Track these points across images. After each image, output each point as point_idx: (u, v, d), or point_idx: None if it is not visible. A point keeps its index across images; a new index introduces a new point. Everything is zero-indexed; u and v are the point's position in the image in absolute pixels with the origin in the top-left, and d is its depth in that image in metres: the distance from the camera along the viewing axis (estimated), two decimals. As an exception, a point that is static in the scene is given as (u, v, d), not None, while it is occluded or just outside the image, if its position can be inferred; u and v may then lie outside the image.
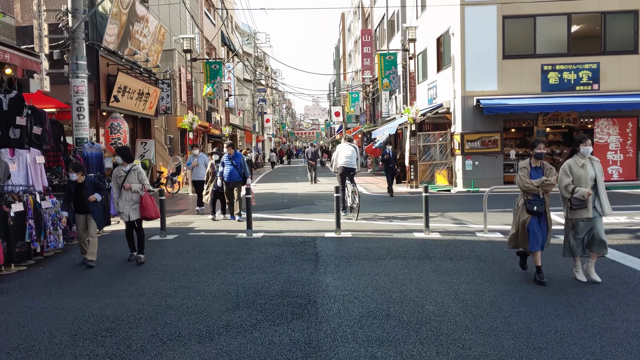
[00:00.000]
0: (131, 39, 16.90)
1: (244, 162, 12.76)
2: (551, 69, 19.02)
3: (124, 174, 8.11)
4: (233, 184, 12.57)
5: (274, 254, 8.52)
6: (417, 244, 9.18)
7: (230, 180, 12.53)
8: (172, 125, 26.51)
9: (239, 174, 12.55)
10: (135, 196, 8.08)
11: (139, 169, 8.18)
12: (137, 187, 8.04)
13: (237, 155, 12.69)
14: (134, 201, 8.09)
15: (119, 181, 8.12)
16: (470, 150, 19.21)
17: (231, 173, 12.49)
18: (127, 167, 8.13)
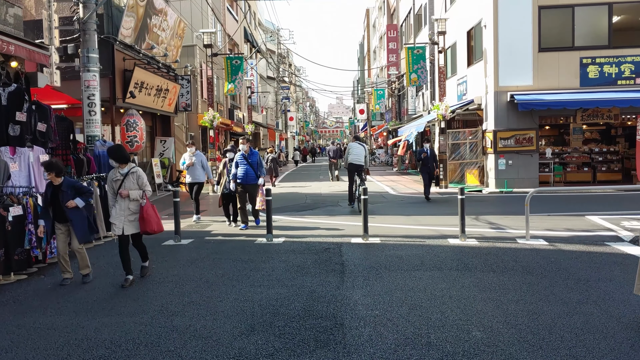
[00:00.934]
0: (149, 33, 16.28)
1: (261, 161, 11.10)
2: (591, 62, 17.89)
3: (120, 178, 6.75)
4: (249, 186, 10.90)
5: (295, 262, 7.74)
6: (453, 252, 8.32)
7: (245, 182, 10.84)
8: (193, 123, 25.96)
9: (256, 175, 10.92)
10: (134, 205, 6.71)
11: (138, 172, 6.83)
12: (136, 195, 6.66)
13: (253, 153, 11.05)
14: (131, 211, 6.71)
15: (115, 186, 6.78)
16: (504, 149, 18.19)
17: (246, 174, 10.83)
18: (124, 169, 6.78)
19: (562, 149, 19.44)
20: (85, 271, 7.04)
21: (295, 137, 78.04)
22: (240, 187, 10.92)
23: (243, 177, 10.86)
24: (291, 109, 67.17)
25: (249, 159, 10.94)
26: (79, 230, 6.85)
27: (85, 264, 7.03)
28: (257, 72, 41.39)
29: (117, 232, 6.77)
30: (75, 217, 6.81)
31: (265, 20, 57.42)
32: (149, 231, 6.75)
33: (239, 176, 10.88)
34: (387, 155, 40.35)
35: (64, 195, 6.76)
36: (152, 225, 6.73)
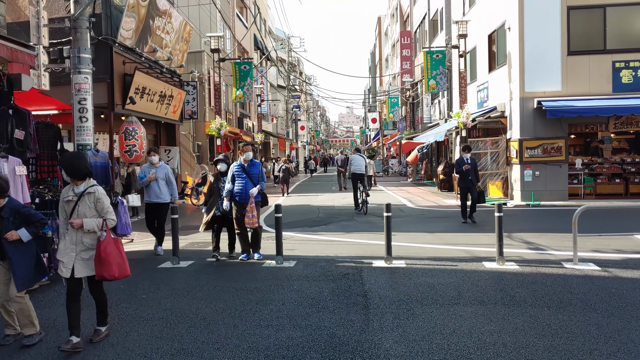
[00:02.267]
0: (151, 35, 15.28)
1: (263, 174, 8.89)
2: (624, 66, 16.66)
3: (73, 199, 4.96)
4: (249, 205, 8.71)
5: (309, 293, 6.58)
6: (493, 279, 7.13)
7: (244, 200, 8.63)
8: (201, 132, 24.97)
9: (257, 193, 8.69)
10: (89, 239, 4.92)
11: (98, 192, 4.97)
12: (92, 225, 4.89)
13: (254, 164, 8.78)
14: (85, 246, 4.92)
15: (67, 209, 5.00)
16: (530, 159, 16.97)
17: (245, 190, 8.61)
18: (79, 187, 4.95)
19: (592, 159, 18.17)
20: (28, 330, 5.09)
21: (306, 146, 77.02)
22: (238, 206, 8.70)
23: (241, 193, 8.64)
24: (302, 118, 66.20)
25: (249, 170, 8.72)
26: (19, 273, 4.95)
27: (27, 320, 5.09)
28: (267, 80, 40.44)
29: (64, 274, 4.92)
30: (15, 255, 4.95)
31: (276, 28, 56.61)
32: (106, 277, 4.93)
33: (236, 193, 8.66)
34: (401, 166, 39.14)
35: (4, 223, 4.95)
36: (112, 268, 4.92)
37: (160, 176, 9.51)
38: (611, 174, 17.98)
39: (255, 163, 8.84)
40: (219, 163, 9.25)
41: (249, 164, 8.77)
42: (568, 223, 9.40)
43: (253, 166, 8.80)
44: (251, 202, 8.56)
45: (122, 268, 5.05)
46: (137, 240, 11.73)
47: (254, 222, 8.59)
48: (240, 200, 8.69)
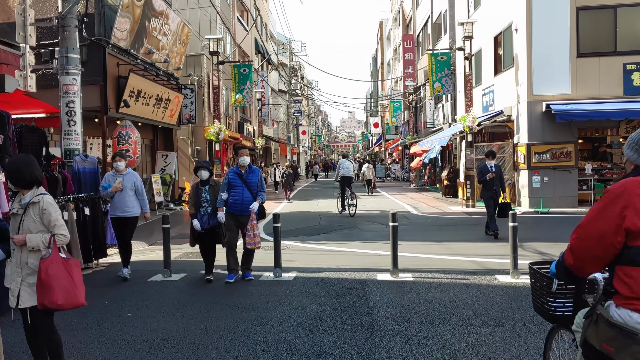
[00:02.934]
0: (147, 37, 14.78)
1: (262, 183, 7.84)
2: (635, 69, 16.13)
3: (19, 212, 4.10)
4: (245, 218, 7.61)
5: (310, 311, 6.03)
6: (509, 295, 6.58)
7: (241, 212, 7.60)
8: (200, 137, 24.45)
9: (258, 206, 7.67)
10: (33, 259, 4.00)
11: (43, 202, 4.04)
12: (36, 241, 3.96)
13: (253, 171, 7.78)
14: (31, 269, 3.99)
15: (15, 224, 4.12)
16: (538, 164, 16.43)
17: (242, 201, 7.57)
18: (26, 197, 4.10)
19: (601, 164, 17.62)
20: None
21: (308, 151, 76.54)
22: (233, 220, 7.67)
23: (237, 205, 7.58)
24: (303, 123, 65.75)
25: (247, 178, 7.66)
26: None
27: None
28: (268, 84, 39.97)
29: (11, 303, 4.05)
30: None
31: (277, 33, 56.19)
32: (47, 305, 3.91)
33: (231, 203, 7.61)
34: (404, 171, 38.61)
35: None
36: (54, 294, 3.89)
37: (128, 185, 7.95)
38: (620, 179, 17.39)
39: (254, 170, 7.80)
40: (200, 170, 7.86)
41: (247, 170, 7.74)
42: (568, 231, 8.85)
43: (252, 173, 7.72)
44: (252, 219, 7.55)
45: (70, 295, 3.96)
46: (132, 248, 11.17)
47: (256, 243, 7.59)
48: (234, 211, 7.62)
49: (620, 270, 2.45)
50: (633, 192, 2.43)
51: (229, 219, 7.71)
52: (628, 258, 2.41)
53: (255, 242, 7.57)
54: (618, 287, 2.43)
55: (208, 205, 7.72)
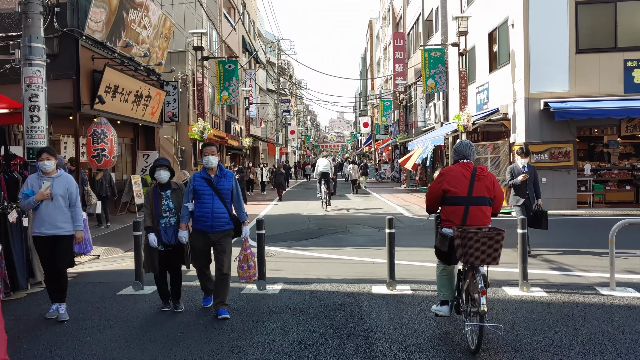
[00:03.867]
0: (126, 30, 13.93)
1: (238, 190, 6.10)
2: (636, 65, 15.53)
3: None
4: (217, 236, 5.92)
5: (297, 334, 5.26)
6: (521, 312, 5.85)
7: (211, 228, 5.88)
8: (185, 136, 23.58)
9: (229, 215, 5.97)
10: None
11: None
12: None
13: (225, 175, 6.02)
14: None
15: None
16: (536, 164, 15.63)
17: (212, 213, 5.86)
18: None
19: (600, 164, 16.99)
20: None
21: (296, 151, 75.74)
22: (202, 239, 5.94)
23: (207, 219, 5.86)
24: (292, 123, 64.95)
25: (218, 184, 5.93)
26: None
27: None
28: (255, 83, 39.13)
29: None
30: None
31: (265, 31, 55.35)
32: None
33: (198, 217, 5.89)
34: (395, 171, 37.93)
35: None
36: None
37: (59, 192, 5.94)
38: (619, 180, 16.82)
39: (227, 173, 6.04)
40: (158, 170, 6.12)
41: (217, 174, 5.96)
42: (586, 236, 8.26)
43: (223, 178, 5.97)
44: (245, 247, 6.27)
45: None
46: (104, 256, 10.37)
47: (252, 276, 6.29)
48: (204, 228, 5.88)
49: (442, 209, 5.23)
50: (448, 173, 5.17)
51: (196, 238, 5.96)
52: (444, 202, 5.18)
53: (250, 275, 6.28)
54: (442, 216, 5.24)
55: (172, 215, 6.08)
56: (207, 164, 5.96)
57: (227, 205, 5.96)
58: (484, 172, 5.18)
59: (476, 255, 4.75)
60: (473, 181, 5.07)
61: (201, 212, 5.90)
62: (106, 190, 14.12)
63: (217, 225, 5.89)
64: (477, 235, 4.70)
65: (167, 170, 6.18)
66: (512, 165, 9.52)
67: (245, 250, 6.31)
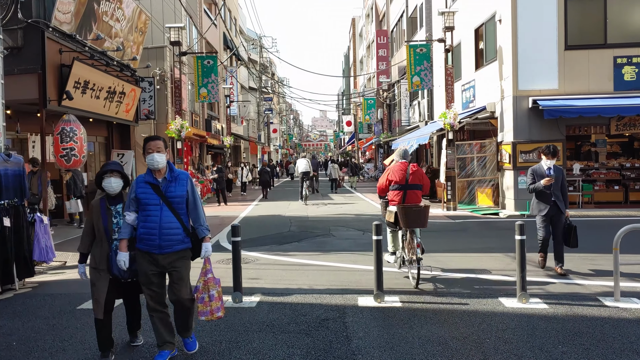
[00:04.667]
0: (97, 22, 13.20)
1: (195, 194, 4.74)
2: (626, 62, 15.16)
3: None
4: (169, 257, 4.57)
5: (275, 358, 4.67)
6: (523, 329, 5.32)
7: (159, 248, 4.53)
8: (163, 135, 22.83)
9: (183, 232, 4.62)
10: None
11: None
12: None
13: (176, 177, 4.66)
14: None
15: None
16: (525, 164, 15.30)
17: (162, 228, 4.52)
18: None
19: (588, 164, 16.61)
20: None
21: (279, 150, 75.03)
22: (149, 263, 4.55)
23: (153, 237, 4.51)
24: (274, 121, 64.22)
25: (168, 191, 4.59)
26: None
27: None
28: (237, 81, 38.39)
29: None
30: None
31: (247, 29, 54.55)
32: None
33: (142, 234, 4.54)
34: (378, 170, 37.44)
35: None
36: None
37: None
38: (607, 180, 16.45)
39: (179, 176, 4.64)
40: (107, 177, 4.70)
41: (167, 177, 4.58)
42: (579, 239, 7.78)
43: (175, 182, 4.60)
44: (206, 271, 4.73)
45: None
46: (71, 262, 9.65)
47: (215, 311, 4.72)
48: (150, 249, 4.49)
49: (389, 193, 7.69)
50: (393, 168, 7.68)
51: (141, 262, 4.55)
52: (390, 188, 7.66)
53: (213, 309, 4.69)
54: (388, 198, 7.71)
55: None
56: (151, 164, 4.55)
57: (181, 218, 4.58)
58: (414, 167, 7.72)
59: (413, 222, 7.24)
60: (408, 174, 7.62)
61: (146, 228, 4.50)
62: (81, 190, 13.43)
63: (167, 244, 4.50)
64: (412, 210, 7.24)
65: (118, 178, 4.72)
66: (534, 167, 8.07)
67: (206, 275, 4.71)
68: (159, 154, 4.56)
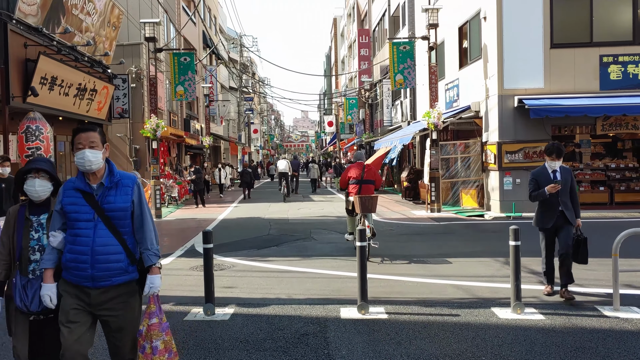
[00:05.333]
0: (66, 15, 12.57)
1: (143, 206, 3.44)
2: (612, 61, 14.90)
3: None
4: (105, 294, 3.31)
5: (247, 380, 4.17)
6: (520, 343, 4.87)
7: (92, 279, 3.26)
8: (140, 134, 22.15)
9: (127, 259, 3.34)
10: None
11: None
12: None
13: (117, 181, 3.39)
14: None
15: None
16: (510, 165, 15.00)
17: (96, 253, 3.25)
18: None
19: (573, 164, 16.33)
20: None
21: (260, 150, 74.35)
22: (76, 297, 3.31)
23: (84, 264, 3.26)
24: (255, 122, 63.56)
25: (105, 201, 3.35)
26: None
27: None
28: (216, 79, 37.73)
29: None
30: None
31: (227, 28, 53.85)
32: None
33: (69, 260, 3.30)
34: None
35: None
36: None
37: None
38: (592, 181, 16.19)
39: (121, 180, 3.42)
40: (31, 178, 3.56)
41: (105, 182, 3.38)
42: None
43: (116, 189, 3.39)
44: (151, 313, 3.41)
45: None
46: None
47: None
48: (80, 281, 3.30)
49: (349, 186, 9.48)
50: (351, 168, 9.60)
51: (65, 298, 3.33)
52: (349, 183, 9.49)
53: None
54: (348, 190, 9.54)
55: None
56: (81, 164, 3.30)
57: (124, 238, 3.35)
58: (368, 167, 9.65)
59: (365, 208, 8.94)
60: (363, 171, 9.45)
61: (74, 253, 3.28)
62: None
63: (103, 275, 3.26)
64: (365, 199, 8.94)
65: (45, 180, 3.55)
66: (535, 170, 6.73)
67: (150, 318, 3.39)
68: (93, 151, 3.27)
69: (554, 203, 6.37)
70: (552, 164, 6.46)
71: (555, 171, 6.47)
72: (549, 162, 6.50)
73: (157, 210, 16.26)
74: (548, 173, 6.50)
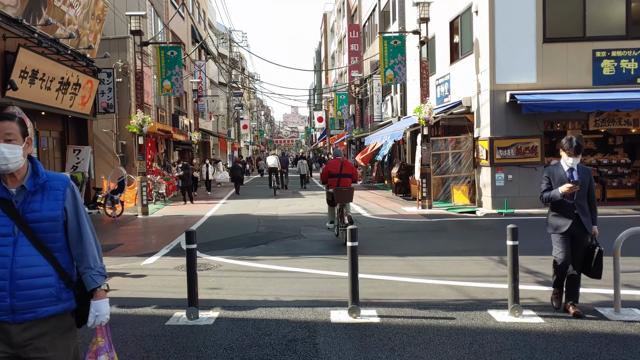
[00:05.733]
0: (47, 7, 12.18)
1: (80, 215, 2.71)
2: (605, 56, 14.72)
3: None
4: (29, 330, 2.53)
5: (231, 392, 3.90)
6: (519, 349, 4.63)
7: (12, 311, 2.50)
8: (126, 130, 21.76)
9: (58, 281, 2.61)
10: None
11: None
12: None
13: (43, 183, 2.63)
14: None
15: None
16: (502, 160, 14.79)
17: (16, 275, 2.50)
18: None
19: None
20: None
21: (250, 146, 73.94)
22: None
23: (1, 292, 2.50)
24: (245, 117, 63.10)
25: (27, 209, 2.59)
26: None
27: None
28: (205, 75, 37.30)
29: None
30: None
31: (217, 23, 53.35)
32: None
33: None
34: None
35: None
36: None
37: None
38: (584, 177, 16.00)
39: (49, 183, 2.66)
40: None
41: (28, 186, 2.62)
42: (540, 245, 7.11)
43: (42, 193, 2.64)
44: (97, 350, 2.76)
45: None
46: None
47: None
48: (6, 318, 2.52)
49: (328, 180, 10.54)
50: (331, 163, 10.70)
51: None
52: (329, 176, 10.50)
53: None
54: (328, 183, 10.54)
55: None
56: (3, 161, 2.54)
57: (54, 256, 2.64)
58: (346, 162, 10.63)
59: (343, 199, 10.18)
60: (342, 166, 10.45)
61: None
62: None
63: (25, 305, 2.53)
64: (343, 190, 10.17)
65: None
66: (550, 167, 5.87)
67: (98, 356, 2.76)
68: (9, 145, 2.53)
69: (569, 206, 5.58)
70: (569, 161, 5.58)
71: (572, 169, 5.62)
72: (565, 158, 5.62)
73: (144, 207, 15.91)
74: (563, 172, 5.63)
